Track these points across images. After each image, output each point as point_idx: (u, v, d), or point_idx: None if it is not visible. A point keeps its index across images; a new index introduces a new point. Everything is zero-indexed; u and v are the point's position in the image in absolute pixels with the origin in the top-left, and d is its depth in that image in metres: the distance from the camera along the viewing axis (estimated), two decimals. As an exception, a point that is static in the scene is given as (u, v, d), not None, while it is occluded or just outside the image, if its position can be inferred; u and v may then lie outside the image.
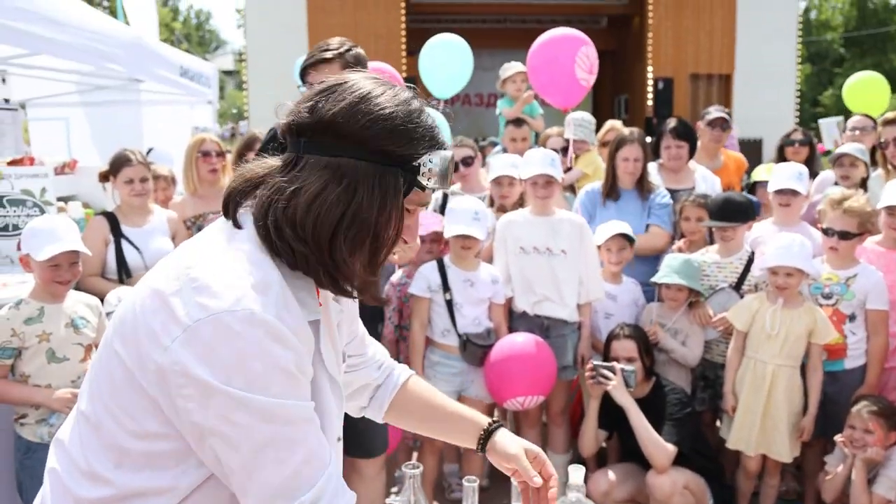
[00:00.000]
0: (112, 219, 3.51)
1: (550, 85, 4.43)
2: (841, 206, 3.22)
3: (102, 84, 6.59)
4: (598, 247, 3.56)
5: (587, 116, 4.97)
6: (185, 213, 3.84)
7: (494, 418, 1.59)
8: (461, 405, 1.58)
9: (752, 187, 4.39)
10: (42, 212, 3.58)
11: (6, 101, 4.86)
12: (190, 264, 1.03)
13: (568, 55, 4.30)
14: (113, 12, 10.40)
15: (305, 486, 1.01)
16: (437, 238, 3.48)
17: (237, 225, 1.10)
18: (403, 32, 12.39)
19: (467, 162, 4.03)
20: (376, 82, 1.09)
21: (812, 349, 3.18)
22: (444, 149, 1.11)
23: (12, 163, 3.91)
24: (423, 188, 1.09)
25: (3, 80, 5.81)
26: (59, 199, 3.94)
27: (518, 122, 4.66)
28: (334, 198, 1.03)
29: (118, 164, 3.56)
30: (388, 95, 1.07)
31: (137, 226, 3.58)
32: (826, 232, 3.29)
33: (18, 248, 2.71)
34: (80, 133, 7.11)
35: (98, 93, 6.76)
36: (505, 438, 1.50)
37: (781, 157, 4.74)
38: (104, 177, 3.63)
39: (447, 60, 4.86)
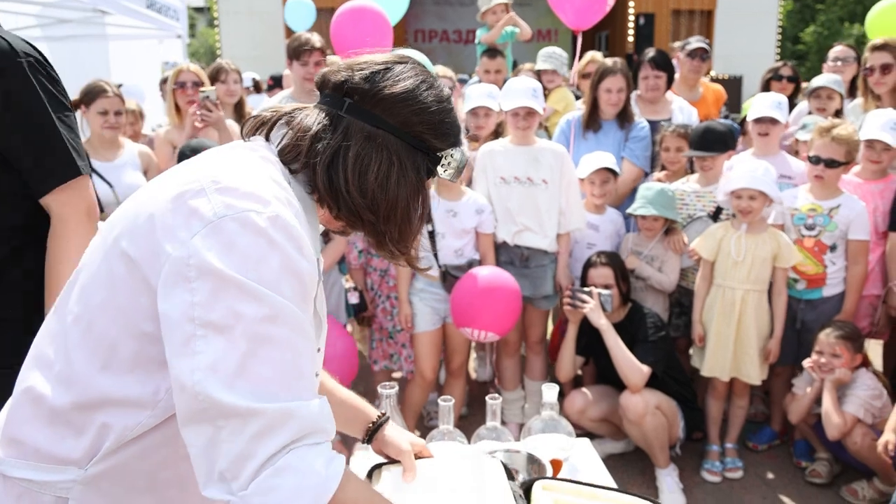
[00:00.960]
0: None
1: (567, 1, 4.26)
2: (829, 134, 3.23)
3: (65, 17, 6.35)
4: (581, 179, 3.54)
5: (558, 50, 4.90)
6: (178, 142, 3.70)
7: (379, 409, 1.58)
8: (353, 394, 1.55)
9: (743, 122, 4.35)
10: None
11: (-37, 32, 4.65)
12: (210, 171, 1.03)
13: None
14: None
15: (288, 393, 0.96)
16: None
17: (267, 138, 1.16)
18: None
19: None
20: (425, 74, 1.18)
21: (777, 273, 3.23)
22: (460, 146, 1.21)
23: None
24: (434, 176, 1.20)
25: (-40, 13, 5.57)
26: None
27: (492, 52, 4.56)
28: (395, 181, 1.12)
29: (93, 94, 3.44)
30: (435, 90, 1.17)
31: (108, 160, 3.49)
32: (812, 160, 3.29)
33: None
34: (45, 69, 6.87)
35: (61, 27, 6.52)
36: (394, 433, 1.50)
37: (766, 91, 4.71)
38: (75, 106, 3.51)
39: None
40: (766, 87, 4.78)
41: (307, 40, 3.65)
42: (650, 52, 4.05)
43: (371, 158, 1.11)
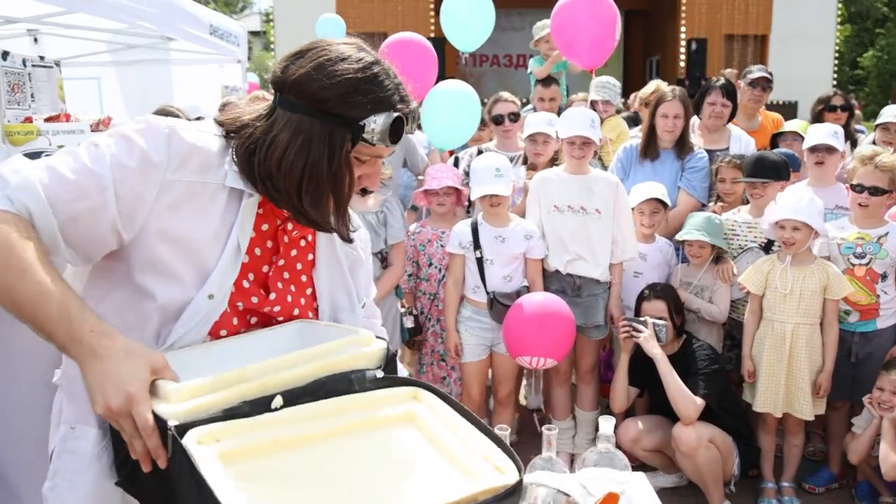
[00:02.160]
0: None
1: (575, 44, 4.30)
2: (872, 162, 3.19)
3: (133, 43, 6.62)
4: (632, 208, 3.54)
5: (612, 80, 4.90)
6: None
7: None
8: None
9: (776, 138, 4.29)
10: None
11: (41, 58, 4.91)
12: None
13: (590, 13, 4.14)
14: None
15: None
16: (450, 192, 3.53)
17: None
18: (431, -9, 12.24)
19: (512, 118, 3.99)
20: (348, 47, 1.26)
21: (827, 305, 3.16)
22: (395, 111, 1.25)
23: (49, 119, 3.98)
24: (371, 144, 1.25)
25: (36, 40, 5.87)
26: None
27: (547, 81, 4.60)
28: (293, 156, 1.23)
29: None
30: (349, 62, 1.24)
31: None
32: (856, 188, 3.24)
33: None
34: (112, 92, 7.17)
35: (129, 52, 6.80)
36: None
37: (818, 121, 4.63)
38: None
39: (468, 14, 4.67)
40: (818, 118, 4.69)
41: None
42: (720, 80, 4.03)
43: (280, 140, 1.24)
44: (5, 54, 4.29)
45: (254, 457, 1.09)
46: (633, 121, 5.39)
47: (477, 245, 3.30)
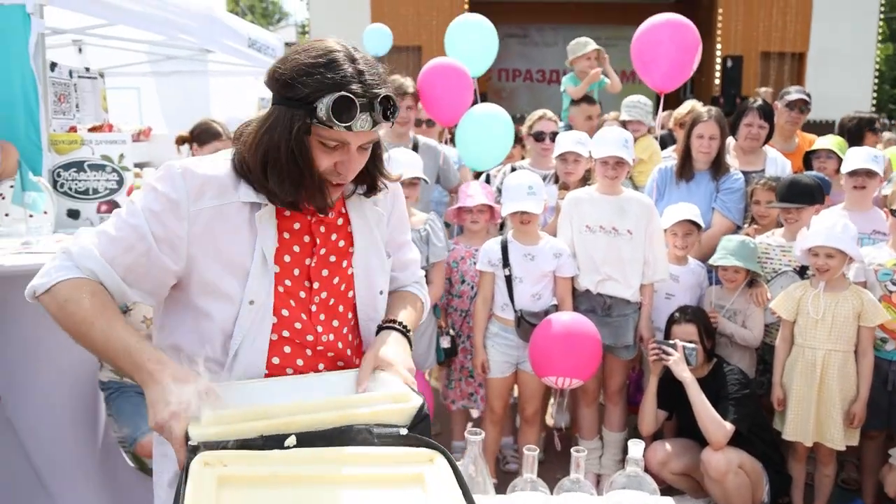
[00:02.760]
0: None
1: (652, 63, 4.24)
2: None
3: (173, 54, 6.77)
4: (665, 230, 3.52)
5: (643, 99, 4.86)
6: None
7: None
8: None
9: (808, 156, 4.23)
10: (120, 177, 3.73)
11: (87, 69, 5.04)
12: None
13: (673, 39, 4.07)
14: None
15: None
16: (483, 209, 3.54)
17: None
18: (466, 6, 12.31)
19: (553, 137, 4.00)
20: (322, 42, 1.36)
21: (861, 332, 3.10)
22: (349, 92, 1.31)
23: (93, 129, 4.08)
24: (328, 126, 1.32)
25: (80, 50, 6.04)
26: (135, 166, 4.10)
27: (590, 100, 4.61)
28: (258, 138, 1.36)
29: (208, 135, 3.65)
30: (311, 51, 1.34)
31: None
32: (895, 213, 3.18)
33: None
34: (151, 102, 7.34)
35: (168, 63, 6.96)
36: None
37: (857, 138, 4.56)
38: (183, 140, 3.74)
39: (470, 41, 4.66)
40: (855, 136, 4.60)
41: (401, 85, 3.78)
42: (757, 101, 3.99)
43: (253, 128, 1.39)
44: (53, 65, 4.41)
45: (249, 485, 1.15)
46: (665, 140, 5.35)
47: (506, 263, 3.31)
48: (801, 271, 3.42)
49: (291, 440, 1.19)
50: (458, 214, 3.65)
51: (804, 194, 3.42)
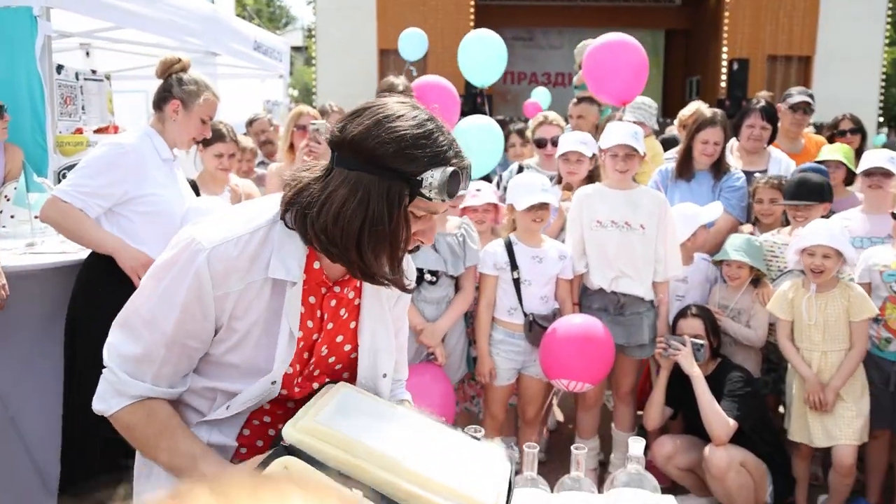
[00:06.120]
0: (193, 186, 3.66)
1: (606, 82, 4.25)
2: None
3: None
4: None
5: (647, 100, 4.85)
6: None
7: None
8: None
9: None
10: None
11: (93, 72, 5.08)
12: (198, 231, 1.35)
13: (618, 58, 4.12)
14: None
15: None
16: (489, 208, 3.52)
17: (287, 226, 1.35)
18: (472, 9, 12.33)
19: (555, 142, 4.00)
20: (403, 105, 1.29)
21: (852, 327, 3.09)
22: (450, 165, 1.27)
23: (98, 130, 4.10)
24: (428, 199, 1.26)
25: (88, 54, 6.08)
26: (141, 167, 4.12)
27: (591, 100, 4.60)
28: (352, 211, 1.25)
29: (212, 137, 3.67)
30: (405, 119, 1.26)
31: (215, 193, 3.73)
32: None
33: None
34: (158, 105, 7.36)
35: (175, 66, 6.99)
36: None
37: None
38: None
39: (481, 53, 4.75)
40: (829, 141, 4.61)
41: (391, 84, 3.80)
42: (760, 102, 3.99)
43: (337, 196, 1.26)
44: (59, 68, 4.44)
45: None
46: (671, 143, 5.33)
47: (514, 266, 3.28)
48: (808, 271, 3.40)
49: (358, 493, 1.16)
50: (463, 214, 3.65)
51: (813, 192, 3.41)
